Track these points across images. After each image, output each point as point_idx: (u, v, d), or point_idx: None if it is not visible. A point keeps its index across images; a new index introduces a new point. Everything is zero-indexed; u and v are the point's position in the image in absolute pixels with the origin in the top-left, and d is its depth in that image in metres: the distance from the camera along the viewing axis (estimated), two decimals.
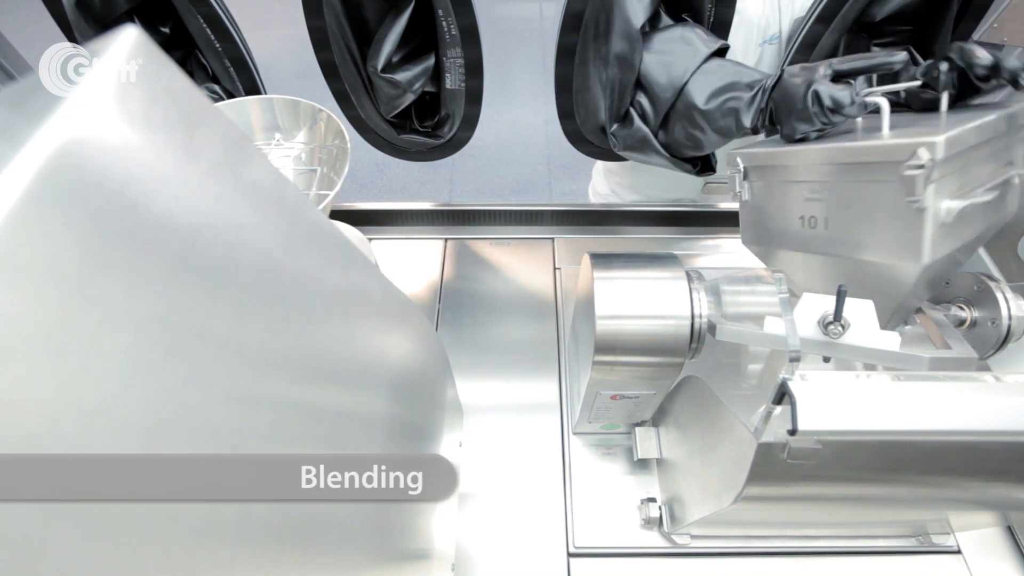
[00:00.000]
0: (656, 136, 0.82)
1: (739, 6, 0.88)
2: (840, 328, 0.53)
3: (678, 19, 0.81)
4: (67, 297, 0.17)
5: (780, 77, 0.65)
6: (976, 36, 0.83)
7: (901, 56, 0.57)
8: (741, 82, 0.70)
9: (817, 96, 0.58)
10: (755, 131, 0.71)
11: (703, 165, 0.86)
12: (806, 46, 0.87)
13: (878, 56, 0.59)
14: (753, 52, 1.02)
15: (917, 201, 0.48)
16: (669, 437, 0.79)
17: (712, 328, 0.61)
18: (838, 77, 0.60)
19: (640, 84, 0.80)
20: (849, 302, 0.52)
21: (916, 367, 0.52)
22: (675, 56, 0.76)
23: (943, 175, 0.48)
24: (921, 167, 0.46)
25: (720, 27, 0.85)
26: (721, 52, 0.76)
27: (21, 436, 0.16)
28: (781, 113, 0.64)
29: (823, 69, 0.60)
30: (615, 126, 0.85)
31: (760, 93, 0.68)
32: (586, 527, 0.78)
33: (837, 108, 0.57)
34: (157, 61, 0.21)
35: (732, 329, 0.60)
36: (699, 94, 0.74)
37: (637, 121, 0.82)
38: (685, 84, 0.75)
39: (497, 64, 3.15)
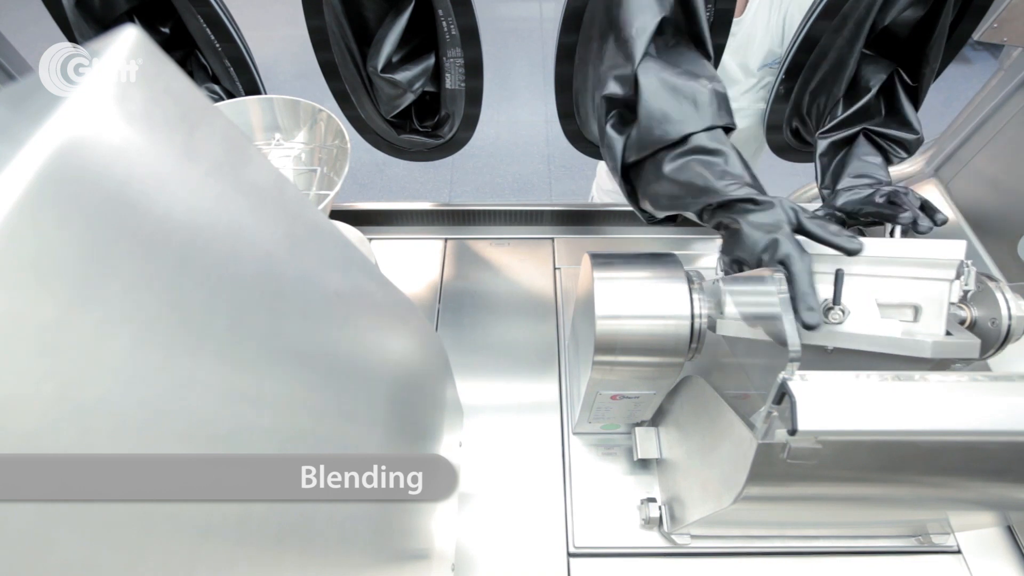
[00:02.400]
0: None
1: (739, 29, 0.88)
2: (840, 313, 0.53)
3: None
4: (67, 297, 0.17)
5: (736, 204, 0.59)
6: (976, 36, 0.83)
7: (856, 245, 0.54)
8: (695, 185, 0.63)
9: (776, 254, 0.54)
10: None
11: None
12: (807, 44, 0.87)
13: (839, 237, 0.54)
14: (754, 74, 1.02)
15: None
16: (669, 437, 0.79)
17: (712, 324, 0.61)
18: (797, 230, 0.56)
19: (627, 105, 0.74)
20: (847, 289, 0.53)
21: (919, 351, 0.52)
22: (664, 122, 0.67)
23: None
24: None
25: (720, 24, 0.85)
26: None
27: (21, 436, 0.16)
28: (730, 242, 0.60)
29: (786, 225, 0.56)
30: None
31: (710, 208, 0.61)
32: (586, 527, 0.78)
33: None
34: (157, 61, 0.21)
35: (733, 323, 0.60)
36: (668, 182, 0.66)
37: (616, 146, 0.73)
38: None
39: (497, 64, 3.15)
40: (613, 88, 0.72)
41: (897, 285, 0.56)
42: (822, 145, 0.86)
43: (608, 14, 0.75)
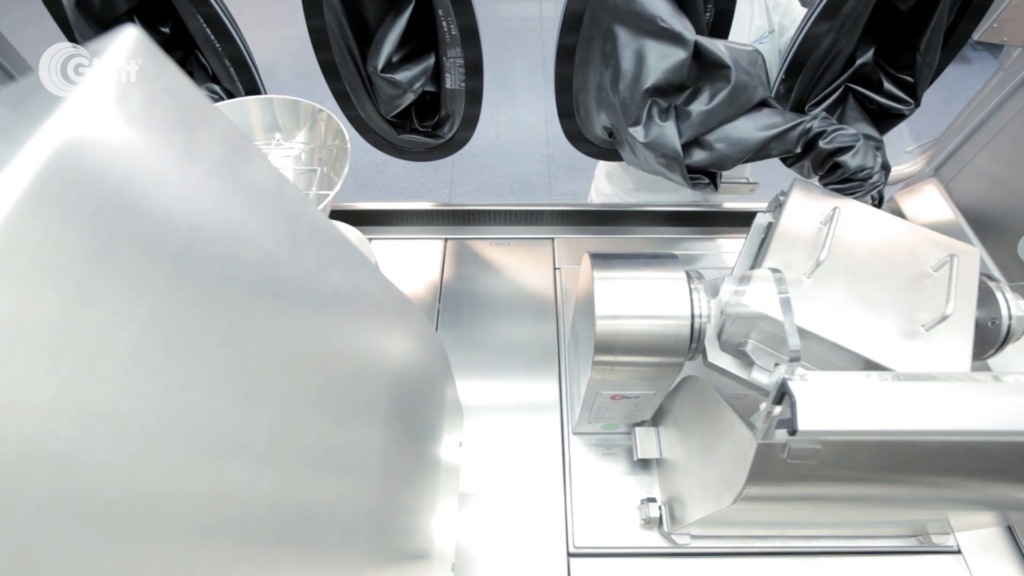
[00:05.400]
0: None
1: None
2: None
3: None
4: (67, 297, 0.17)
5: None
6: (976, 36, 0.83)
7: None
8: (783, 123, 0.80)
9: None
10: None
11: (708, 180, 0.89)
12: (807, 43, 0.87)
13: None
14: None
15: None
16: (669, 437, 0.79)
17: (704, 355, 0.62)
18: None
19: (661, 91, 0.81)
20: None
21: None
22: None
23: None
24: None
25: (720, 25, 0.85)
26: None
27: (21, 436, 0.16)
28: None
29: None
30: (637, 129, 0.85)
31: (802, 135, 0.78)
32: (586, 527, 0.78)
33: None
34: (157, 61, 0.21)
35: (720, 365, 0.61)
36: (756, 128, 0.80)
37: (669, 131, 0.83)
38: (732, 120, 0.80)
39: (497, 64, 3.15)
40: (661, 78, 0.78)
41: None
42: (814, 114, 0.89)
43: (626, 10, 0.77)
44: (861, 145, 0.75)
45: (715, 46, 0.76)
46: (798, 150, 0.80)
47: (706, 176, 0.87)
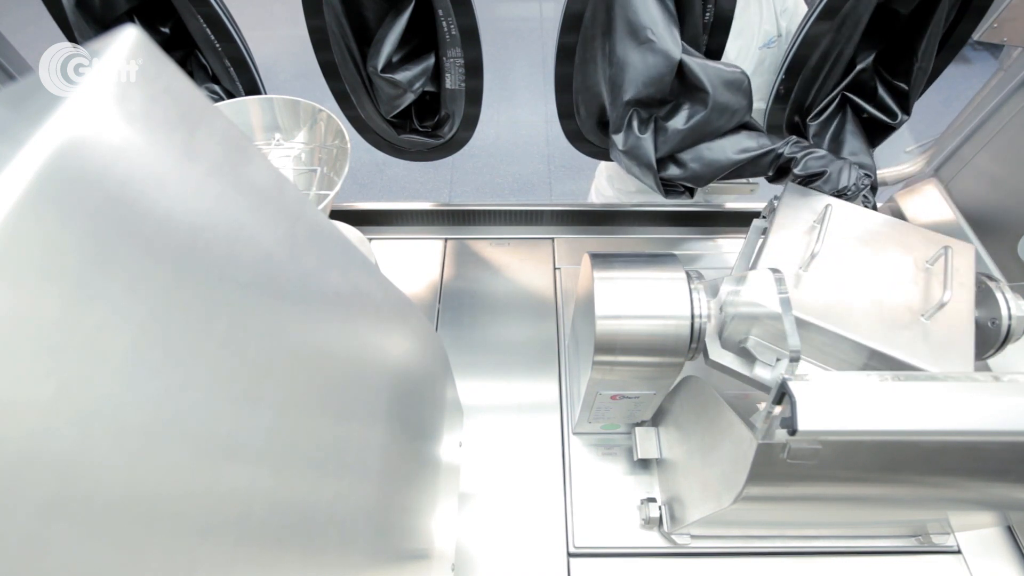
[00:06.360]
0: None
1: (736, 11, 0.89)
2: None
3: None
4: (67, 297, 0.17)
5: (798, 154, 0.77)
6: (976, 36, 0.83)
7: None
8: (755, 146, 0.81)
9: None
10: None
11: (683, 189, 0.90)
12: (807, 43, 0.87)
13: None
14: (753, 56, 1.03)
15: None
16: (669, 437, 0.79)
17: (705, 353, 0.62)
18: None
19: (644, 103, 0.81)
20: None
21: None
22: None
23: None
24: None
25: (720, 26, 0.85)
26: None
27: (21, 436, 0.16)
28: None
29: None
30: (619, 135, 0.86)
31: (775, 157, 0.79)
32: (586, 527, 0.78)
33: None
34: (157, 61, 0.21)
35: (722, 362, 0.61)
36: (730, 150, 0.81)
37: (645, 141, 0.84)
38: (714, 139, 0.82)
39: (497, 64, 3.15)
40: (641, 91, 0.79)
41: None
42: (813, 127, 0.92)
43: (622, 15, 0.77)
44: (834, 168, 0.76)
45: (698, 67, 0.76)
46: (770, 174, 0.81)
47: (682, 186, 0.88)
